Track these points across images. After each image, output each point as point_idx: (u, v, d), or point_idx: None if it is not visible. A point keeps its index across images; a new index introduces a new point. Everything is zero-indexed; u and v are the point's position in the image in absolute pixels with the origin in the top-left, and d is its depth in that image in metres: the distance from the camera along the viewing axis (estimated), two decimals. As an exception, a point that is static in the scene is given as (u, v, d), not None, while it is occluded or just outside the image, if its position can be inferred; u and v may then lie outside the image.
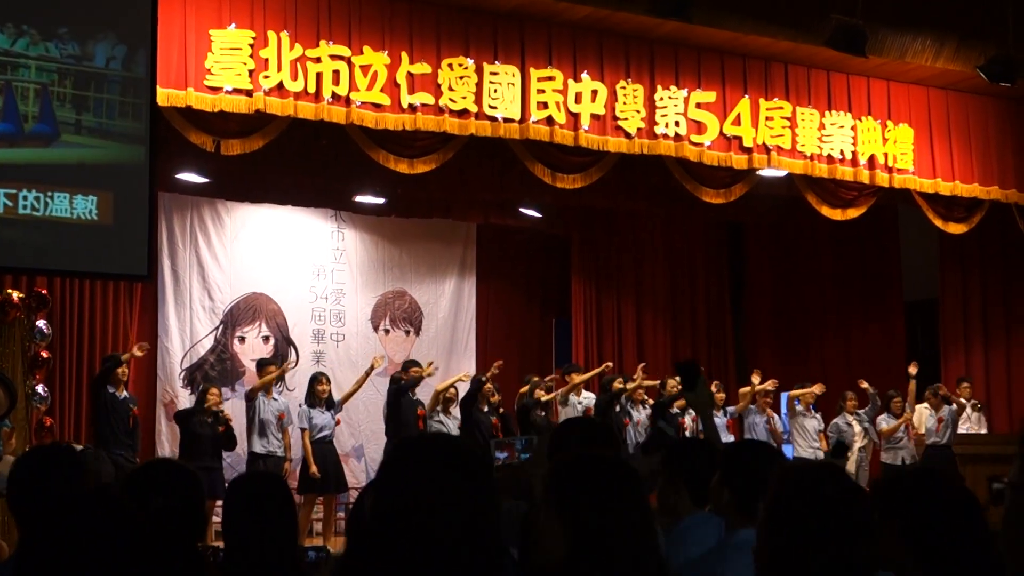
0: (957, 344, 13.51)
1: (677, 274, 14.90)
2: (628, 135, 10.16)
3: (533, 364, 13.84)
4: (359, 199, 12.87)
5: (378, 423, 12.13)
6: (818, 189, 11.46)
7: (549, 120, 9.81)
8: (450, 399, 11.52)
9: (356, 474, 12.52)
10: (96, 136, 7.93)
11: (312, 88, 8.94)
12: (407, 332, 13.82)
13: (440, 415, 11.36)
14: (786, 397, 12.83)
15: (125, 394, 10.06)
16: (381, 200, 12.88)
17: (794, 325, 14.95)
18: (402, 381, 11.12)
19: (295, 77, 8.89)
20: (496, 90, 9.62)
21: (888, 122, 11.32)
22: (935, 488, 2.25)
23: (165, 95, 8.40)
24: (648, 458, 3.39)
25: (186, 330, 12.42)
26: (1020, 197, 11.99)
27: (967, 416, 12.34)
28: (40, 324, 10.76)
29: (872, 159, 11.20)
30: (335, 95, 9.02)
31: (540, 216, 13.92)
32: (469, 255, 14.33)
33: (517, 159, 10.24)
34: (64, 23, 7.83)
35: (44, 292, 10.83)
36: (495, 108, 9.60)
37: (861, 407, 12.59)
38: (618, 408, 11.79)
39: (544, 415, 11.55)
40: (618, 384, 11.88)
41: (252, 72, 8.74)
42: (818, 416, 12.53)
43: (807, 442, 12.33)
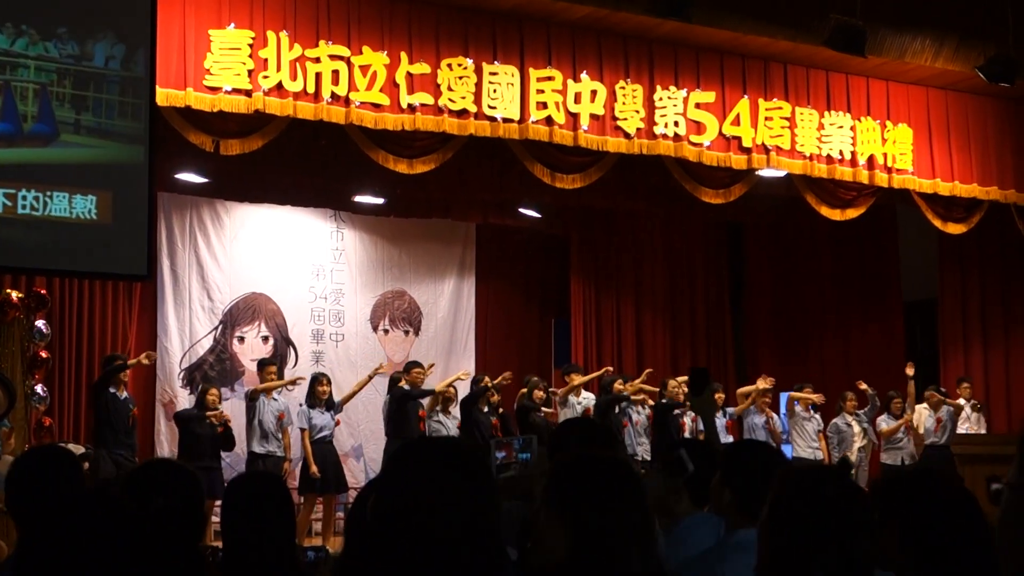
0: (956, 344, 13.51)
1: (676, 274, 14.90)
2: (627, 135, 10.15)
3: (532, 364, 13.85)
4: (358, 199, 12.87)
5: (377, 423, 12.13)
6: (817, 189, 11.46)
7: (548, 120, 9.81)
8: (449, 399, 11.53)
9: (355, 474, 12.52)
10: (95, 136, 7.92)
11: (311, 88, 8.94)
12: (406, 332, 13.82)
13: (439, 415, 11.36)
14: (785, 397, 12.84)
15: (125, 395, 10.06)
16: (380, 200, 12.87)
17: (793, 325, 14.95)
18: (401, 382, 11.10)
19: (294, 77, 8.88)
20: (495, 90, 9.62)
21: (887, 122, 11.32)
22: (935, 488, 2.25)
23: (164, 95, 8.39)
24: (667, 483, 3.39)
25: (185, 330, 12.42)
26: (1019, 197, 11.99)
27: (966, 416, 12.34)
28: (39, 324, 10.78)
29: (871, 159, 11.20)
30: (334, 95, 9.02)
31: (539, 216, 13.91)
32: (468, 255, 14.34)
33: (516, 159, 10.24)
34: (63, 23, 7.82)
35: (43, 292, 10.85)
36: (494, 108, 9.59)
37: (861, 407, 12.60)
38: (617, 410, 11.79)
39: (543, 414, 11.55)
40: (618, 386, 11.88)
41: (251, 72, 8.73)
42: (817, 416, 12.52)
43: (806, 442, 12.33)
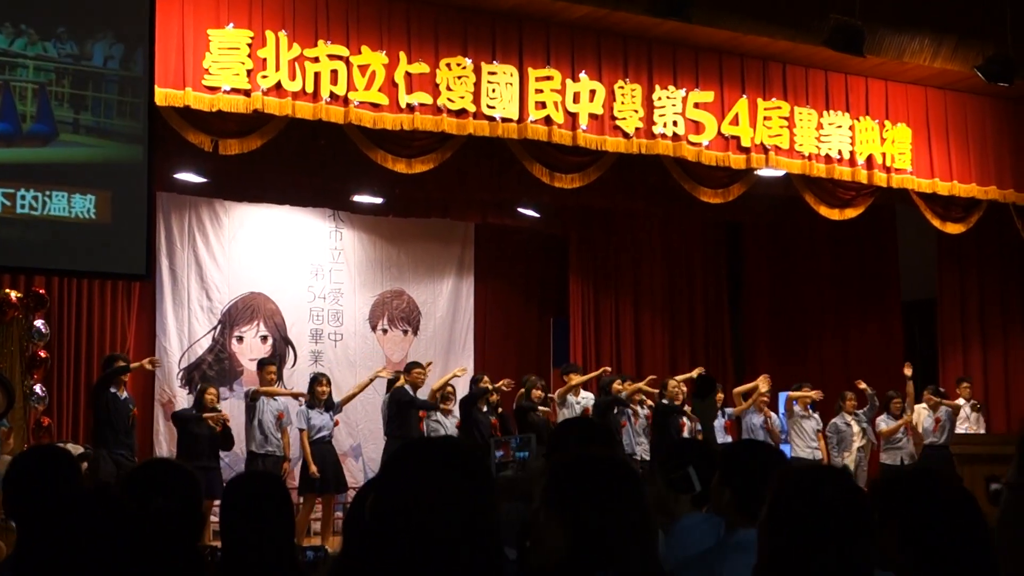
0: (955, 344, 13.51)
1: (675, 274, 14.91)
2: (626, 135, 10.15)
3: (531, 364, 13.84)
4: (357, 199, 12.86)
5: (376, 423, 12.13)
6: (816, 189, 11.45)
7: (547, 120, 9.80)
8: (448, 396, 11.48)
9: (354, 474, 12.51)
10: (94, 135, 7.92)
11: (310, 88, 8.93)
12: (405, 332, 13.82)
13: (438, 415, 11.34)
14: (784, 397, 12.84)
15: (126, 394, 10.06)
16: (379, 200, 12.87)
17: (792, 325, 14.95)
18: (399, 381, 11.07)
19: (293, 77, 8.88)
20: (494, 90, 9.61)
21: (886, 122, 11.32)
22: (934, 488, 2.25)
23: (163, 95, 8.39)
24: (677, 494, 3.40)
25: (184, 330, 12.42)
26: (1017, 197, 11.98)
27: (965, 416, 12.34)
28: (38, 324, 10.78)
29: (870, 159, 11.20)
30: (333, 95, 9.01)
31: (538, 216, 13.90)
32: (467, 255, 14.34)
33: (515, 159, 10.23)
34: (62, 22, 7.82)
35: (42, 292, 10.85)
36: (493, 108, 9.59)
37: (860, 407, 12.59)
38: (616, 410, 11.78)
39: (541, 414, 11.55)
40: (617, 386, 11.87)
41: (250, 72, 8.73)
42: (816, 416, 12.51)
43: (805, 442, 12.32)
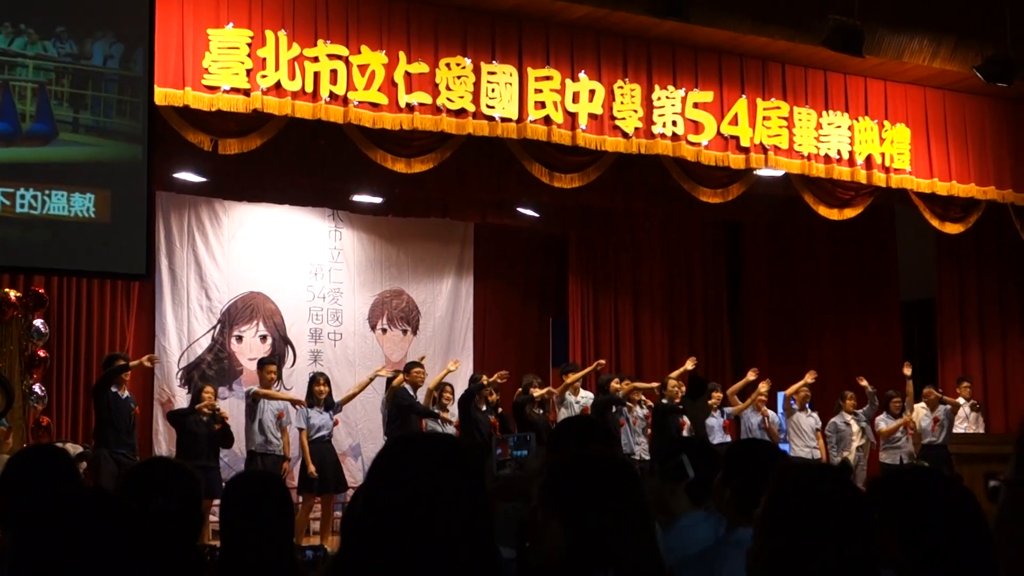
0: (954, 344, 13.52)
1: (674, 274, 14.91)
2: (626, 135, 10.15)
3: (530, 364, 13.84)
4: (356, 198, 12.86)
5: (375, 422, 12.13)
6: (815, 189, 11.46)
7: (547, 120, 9.80)
8: (446, 400, 11.42)
9: (353, 473, 12.50)
10: (94, 134, 7.92)
11: (310, 87, 8.93)
12: (404, 331, 13.82)
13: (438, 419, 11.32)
14: (783, 397, 12.84)
15: (127, 394, 10.05)
16: (378, 199, 12.87)
17: (791, 325, 14.95)
18: (397, 380, 11.05)
19: (293, 76, 8.88)
20: (494, 90, 9.61)
21: (885, 122, 11.32)
22: (934, 488, 2.25)
23: (163, 94, 8.39)
24: (667, 482, 3.40)
25: (183, 329, 12.42)
26: (1016, 197, 11.99)
27: (964, 416, 12.34)
28: (37, 323, 10.78)
29: (869, 159, 11.20)
30: (333, 94, 9.02)
31: (538, 216, 13.91)
32: (466, 255, 14.34)
33: (514, 159, 10.24)
34: (62, 22, 7.82)
35: (42, 291, 10.84)
36: (493, 108, 9.59)
37: (860, 406, 12.59)
38: (613, 409, 11.78)
39: (541, 412, 11.54)
40: (615, 384, 11.87)
41: (250, 71, 8.73)
42: (815, 415, 12.52)
43: (803, 441, 12.32)
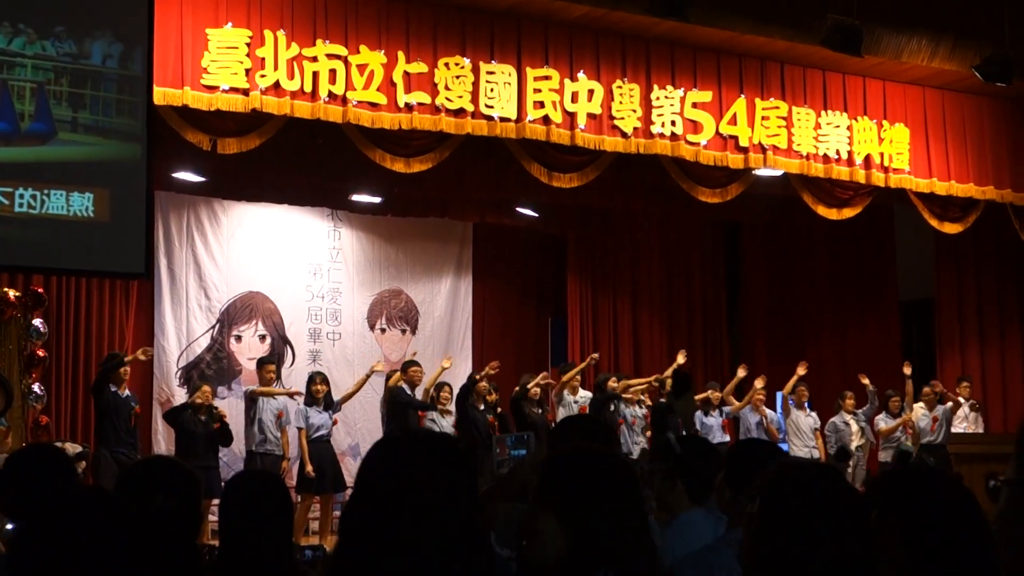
0: (953, 344, 13.52)
1: (673, 273, 14.91)
2: (624, 134, 10.15)
3: (529, 363, 13.84)
4: (355, 198, 12.86)
5: (374, 422, 12.13)
6: (814, 189, 11.46)
7: (545, 119, 9.80)
8: (444, 394, 11.40)
9: (352, 473, 12.42)
10: (93, 134, 7.93)
11: (308, 87, 8.93)
12: (403, 331, 13.82)
13: (435, 414, 11.31)
14: (781, 396, 12.84)
15: (127, 393, 10.05)
16: (377, 199, 12.87)
17: (790, 324, 14.95)
18: (401, 384, 11.05)
19: (291, 76, 8.88)
20: (492, 89, 9.61)
21: (884, 122, 11.32)
22: (934, 486, 2.24)
23: (162, 94, 8.38)
24: (655, 465, 3.40)
25: (182, 329, 12.42)
26: (1015, 197, 11.99)
27: (964, 415, 12.34)
28: (36, 323, 10.77)
29: (868, 159, 11.20)
30: (331, 94, 9.02)
31: (536, 215, 13.91)
32: (465, 254, 14.34)
33: (513, 158, 10.24)
34: (60, 22, 7.82)
35: (41, 290, 10.84)
36: (491, 107, 9.59)
37: (859, 406, 12.59)
38: (612, 408, 11.79)
39: (541, 412, 11.54)
40: (612, 383, 11.88)
41: (248, 71, 8.73)
42: (814, 415, 12.52)
43: (802, 441, 12.32)
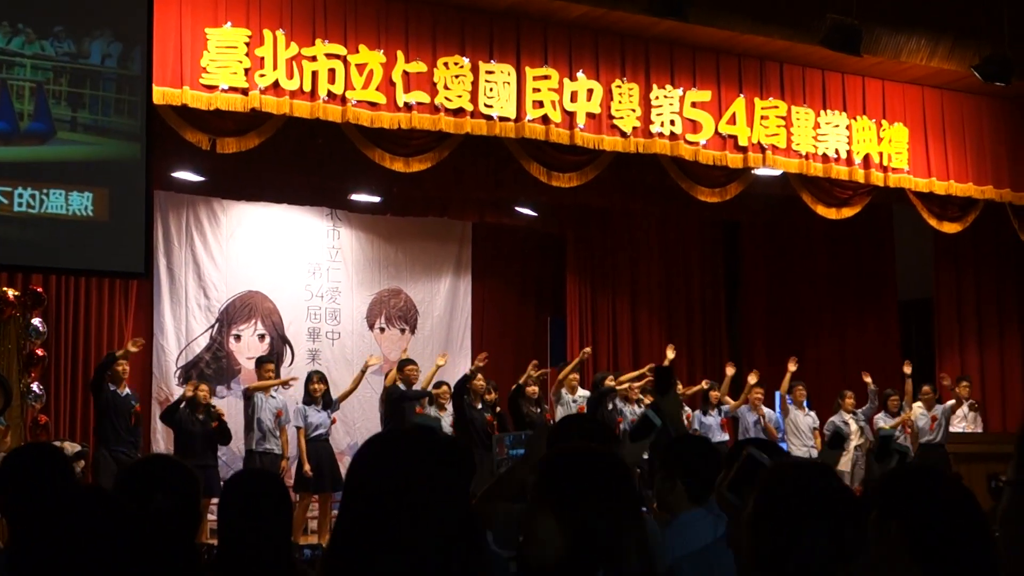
0: (952, 343, 13.52)
1: (672, 273, 14.91)
2: (623, 134, 10.15)
3: (528, 363, 13.80)
4: (355, 197, 12.86)
5: (373, 421, 12.13)
6: (813, 188, 11.46)
7: (545, 119, 9.80)
8: (441, 390, 11.39)
9: (351, 472, 12.48)
10: (92, 133, 7.92)
11: (308, 87, 8.93)
12: (402, 330, 13.81)
13: (433, 409, 11.32)
14: (779, 396, 12.84)
15: (127, 392, 10.03)
16: (377, 198, 12.87)
17: (789, 324, 14.95)
18: (397, 383, 11.06)
19: (291, 75, 8.88)
20: (492, 89, 9.61)
21: (883, 121, 11.32)
22: (935, 487, 2.24)
23: (161, 93, 8.38)
24: (635, 445, 3.37)
25: (182, 328, 12.42)
26: (1014, 197, 11.99)
27: (963, 415, 12.34)
28: (36, 322, 10.77)
29: (867, 158, 11.20)
30: (331, 94, 9.01)
31: (535, 215, 13.91)
32: (464, 254, 14.34)
33: (512, 158, 10.23)
34: (60, 21, 7.82)
35: (40, 290, 10.83)
36: (491, 107, 9.59)
37: (859, 405, 12.59)
38: (610, 406, 11.79)
39: (539, 411, 11.54)
40: (609, 382, 11.88)
41: (248, 70, 8.72)
42: (812, 414, 12.52)
43: (801, 440, 12.32)
